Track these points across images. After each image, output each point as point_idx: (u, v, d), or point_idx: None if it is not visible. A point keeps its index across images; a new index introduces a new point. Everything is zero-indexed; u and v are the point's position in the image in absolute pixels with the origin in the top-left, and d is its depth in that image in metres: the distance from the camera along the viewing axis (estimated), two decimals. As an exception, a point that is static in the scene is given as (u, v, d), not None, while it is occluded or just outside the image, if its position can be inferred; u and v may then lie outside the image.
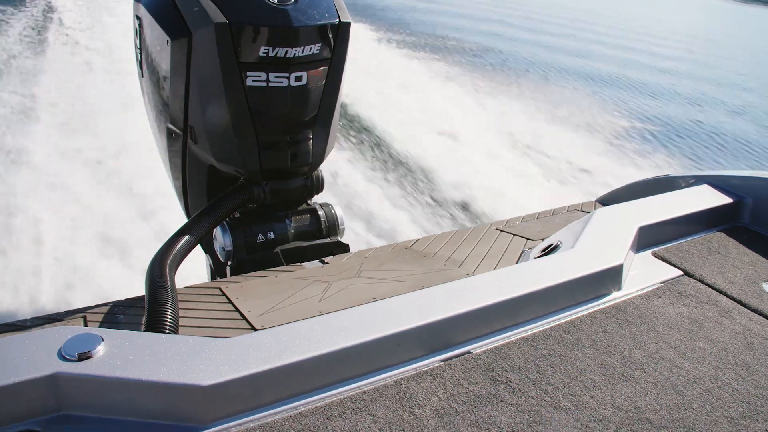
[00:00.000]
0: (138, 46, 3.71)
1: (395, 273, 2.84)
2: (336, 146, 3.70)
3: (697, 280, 2.49)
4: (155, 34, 3.28)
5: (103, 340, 1.55)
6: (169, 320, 2.06)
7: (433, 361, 1.84)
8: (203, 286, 2.74)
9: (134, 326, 2.39)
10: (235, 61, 2.97)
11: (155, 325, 2.04)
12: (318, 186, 3.61)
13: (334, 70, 3.24)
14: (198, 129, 3.30)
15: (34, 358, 1.47)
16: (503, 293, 2.00)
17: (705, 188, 3.14)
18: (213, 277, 3.94)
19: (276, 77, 3.03)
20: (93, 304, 2.52)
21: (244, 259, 3.34)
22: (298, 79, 3.07)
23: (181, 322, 2.24)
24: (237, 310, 2.50)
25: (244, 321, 2.42)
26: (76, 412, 1.48)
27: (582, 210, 3.82)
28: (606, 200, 3.91)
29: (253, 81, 3.02)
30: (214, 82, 3.06)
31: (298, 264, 3.02)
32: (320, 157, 3.48)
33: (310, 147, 3.36)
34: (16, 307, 4.88)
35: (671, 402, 1.78)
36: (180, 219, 3.92)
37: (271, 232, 3.45)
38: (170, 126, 3.43)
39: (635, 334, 2.08)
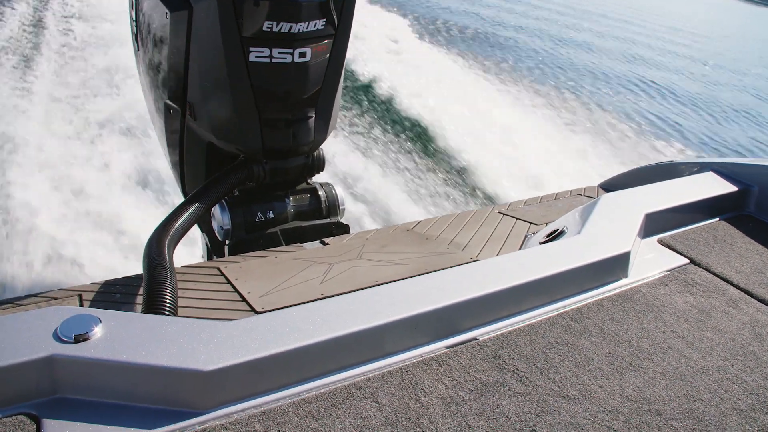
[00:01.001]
0: (134, 18, 3.62)
1: (397, 255, 2.79)
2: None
3: (703, 268, 2.45)
4: (153, 6, 3.19)
5: (100, 321, 1.50)
6: (168, 302, 2.01)
7: (439, 347, 1.80)
8: (201, 265, 2.69)
9: (131, 306, 2.34)
10: (237, 35, 2.88)
11: (154, 306, 1.99)
12: (319, 165, 3.55)
13: (338, 46, 3.16)
14: (197, 105, 3.23)
15: (29, 340, 1.42)
16: (510, 279, 1.96)
17: (710, 176, 3.10)
18: (209, 257, 3.89)
19: (279, 53, 2.95)
20: (89, 283, 2.47)
21: (243, 238, 3.29)
22: (302, 55, 3.00)
23: (180, 302, 2.19)
24: (236, 291, 2.45)
25: (244, 302, 2.38)
26: (72, 395, 1.44)
27: (585, 195, 3.78)
28: (609, 186, 3.87)
29: (256, 57, 2.94)
30: (215, 57, 2.98)
31: (298, 244, 2.97)
32: (322, 136, 3.41)
33: (312, 125, 3.30)
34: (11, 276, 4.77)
35: (680, 393, 1.74)
36: (177, 197, 3.86)
37: (271, 212, 3.39)
38: (168, 102, 3.35)
39: (643, 322, 2.04)
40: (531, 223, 3.28)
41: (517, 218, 3.34)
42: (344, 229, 3.54)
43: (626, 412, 1.64)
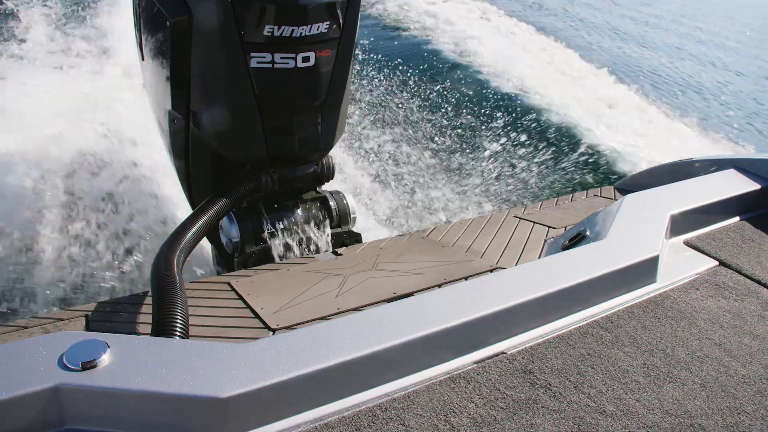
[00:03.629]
0: (137, 28, 3.55)
1: (414, 265, 2.70)
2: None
3: (734, 270, 2.35)
4: (155, 15, 3.12)
5: (108, 346, 1.41)
6: (179, 324, 1.91)
7: (466, 363, 1.71)
8: (211, 281, 2.60)
9: (141, 327, 2.26)
10: (238, 41, 2.80)
11: (164, 328, 1.90)
12: (328, 173, 3.46)
13: (344, 50, 3.07)
14: (201, 114, 3.15)
15: (34, 369, 1.33)
16: (536, 289, 1.87)
17: (732, 173, 3.00)
18: (218, 265, 3.79)
19: (282, 58, 2.86)
20: (95, 302, 2.38)
21: (253, 251, 3.20)
22: (306, 59, 2.91)
23: (191, 320, 2.10)
24: (249, 307, 2.36)
25: (257, 320, 2.29)
26: (80, 426, 1.35)
27: (601, 196, 3.68)
28: (625, 186, 3.77)
29: (258, 62, 2.85)
30: (216, 63, 2.90)
31: (310, 256, 2.88)
32: (330, 143, 3.33)
33: (319, 132, 3.21)
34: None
35: (722, 405, 1.65)
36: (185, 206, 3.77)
37: (280, 222, 3.31)
38: (172, 111, 3.28)
39: (676, 330, 1.94)
40: (549, 227, 3.19)
41: (534, 222, 3.24)
42: (356, 238, 3.46)
43: (668, 428, 1.54)
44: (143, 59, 3.64)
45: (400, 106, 8.17)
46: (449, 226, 3.19)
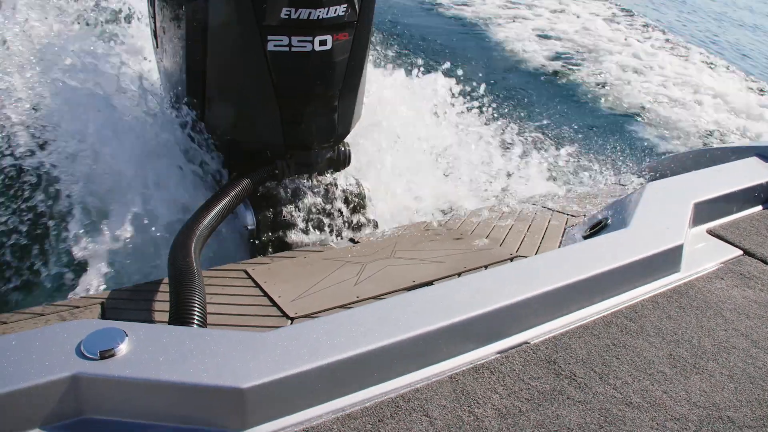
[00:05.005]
0: (152, 14, 3.52)
1: (432, 253, 2.67)
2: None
3: (758, 260, 2.30)
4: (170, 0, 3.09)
5: (126, 335, 1.39)
6: (197, 312, 1.89)
7: (489, 353, 1.67)
8: (227, 268, 2.58)
9: (157, 314, 2.24)
10: (255, 23, 2.76)
11: (182, 317, 1.87)
12: (344, 159, 3.43)
13: (361, 34, 3.03)
14: (216, 99, 3.12)
15: (52, 357, 1.32)
16: (559, 278, 1.83)
17: (754, 161, 2.93)
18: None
19: (299, 41, 2.82)
20: (111, 290, 2.37)
21: (269, 237, 3.18)
22: (323, 43, 2.87)
23: (208, 309, 2.08)
24: (266, 295, 2.34)
25: (275, 308, 2.26)
26: (98, 416, 1.33)
27: (621, 184, 3.63)
28: (646, 174, 3.71)
29: (275, 45, 2.81)
30: (232, 47, 2.86)
31: (327, 243, 2.86)
32: (346, 129, 3.29)
33: (336, 118, 3.17)
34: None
35: (751, 397, 1.61)
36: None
37: (296, 209, 3.28)
38: (187, 97, 3.25)
39: (701, 320, 1.90)
40: (569, 215, 3.14)
41: (553, 210, 3.20)
42: (373, 225, 3.43)
43: (696, 420, 1.51)
44: (157, 46, 3.61)
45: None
46: (466, 215, 3.15)
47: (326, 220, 3.34)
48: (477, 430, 1.41)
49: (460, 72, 5.61)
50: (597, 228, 2.44)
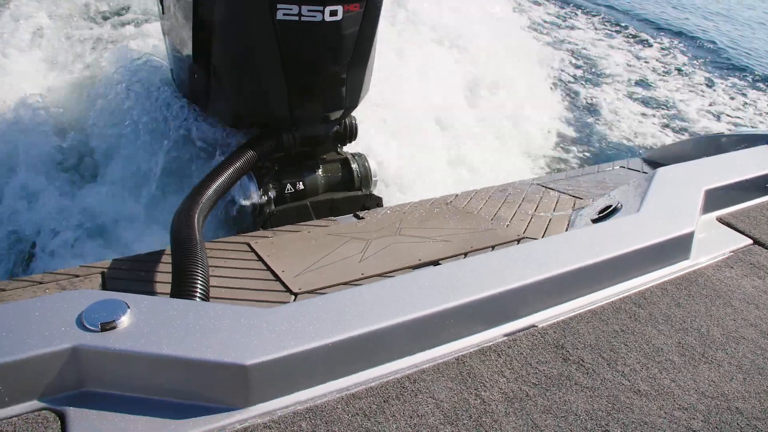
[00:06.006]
0: None
1: (438, 231, 2.63)
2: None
3: None
4: None
5: (128, 307, 1.36)
6: (200, 285, 1.86)
7: (497, 335, 1.65)
8: (229, 240, 2.55)
9: (158, 285, 2.21)
10: None
11: (185, 290, 1.84)
12: (351, 133, 3.37)
13: (372, 6, 2.95)
14: (222, 68, 3.06)
15: (52, 328, 1.29)
16: (567, 261, 1.80)
17: (765, 149, 2.88)
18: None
19: (309, 11, 2.75)
20: (112, 259, 2.34)
21: (272, 211, 3.14)
22: (333, 13, 2.80)
23: (210, 281, 2.05)
24: (269, 269, 2.31)
25: (279, 282, 2.23)
26: (99, 389, 1.31)
27: (629, 168, 3.58)
28: (654, 158, 3.67)
29: (284, 14, 2.74)
30: (240, 14, 2.80)
31: (331, 218, 2.82)
32: (354, 102, 3.23)
33: (344, 91, 3.11)
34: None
35: (760, 388, 1.58)
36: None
37: (301, 183, 3.24)
38: (193, 65, 3.19)
39: (710, 309, 1.88)
40: (576, 197, 3.10)
41: (560, 192, 3.15)
42: (377, 201, 3.39)
43: (704, 410, 1.49)
44: (163, 12, 3.54)
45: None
46: (472, 193, 3.11)
47: (331, 195, 3.31)
48: (483, 414, 1.38)
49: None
50: (606, 212, 2.40)
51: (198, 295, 1.83)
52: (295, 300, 2.15)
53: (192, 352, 1.29)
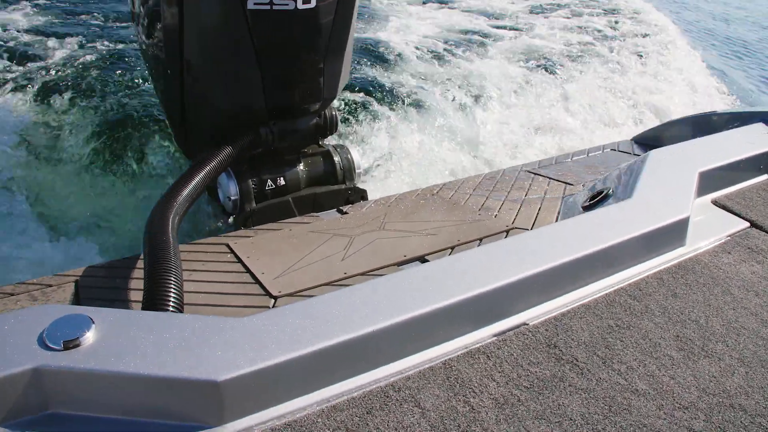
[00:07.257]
0: None
1: (424, 224, 2.54)
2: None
3: (766, 232, 2.19)
4: None
5: (93, 322, 1.27)
6: (173, 296, 1.76)
7: (485, 336, 1.57)
8: (208, 242, 2.45)
9: (133, 293, 2.12)
10: None
11: (156, 301, 1.74)
12: (331, 125, 3.27)
13: None
14: (195, 63, 2.95)
15: (12, 348, 1.20)
16: (558, 254, 1.72)
17: (760, 127, 2.80)
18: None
19: None
20: (85, 266, 2.24)
21: (253, 209, 3.05)
22: (306, 1, 2.69)
23: (186, 286, 1.96)
24: (249, 271, 2.22)
25: (258, 285, 2.15)
26: (64, 410, 1.23)
27: (619, 150, 3.50)
28: (644, 139, 3.59)
29: (255, 3, 2.63)
30: (211, 5, 2.69)
31: (313, 214, 2.73)
32: (333, 93, 3.13)
33: (322, 81, 3.01)
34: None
35: (763, 382, 1.51)
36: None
37: (281, 178, 3.14)
38: (165, 61, 3.08)
39: (709, 298, 1.80)
40: (566, 183, 3.02)
41: (550, 178, 3.07)
42: (361, 194, 3.30)
43: (705, 409, 1.41)
44: (134, 6, 3.42)
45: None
46: (459, 182, 3.03)
47: (313, 190, 3.21)
48: (473, 422, 1.31)
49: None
50: (597, 198, 2.33)
51: (171, 305, 1.73)
52: (275, 303, 2.07)
53: (160, 369, 1.21)
